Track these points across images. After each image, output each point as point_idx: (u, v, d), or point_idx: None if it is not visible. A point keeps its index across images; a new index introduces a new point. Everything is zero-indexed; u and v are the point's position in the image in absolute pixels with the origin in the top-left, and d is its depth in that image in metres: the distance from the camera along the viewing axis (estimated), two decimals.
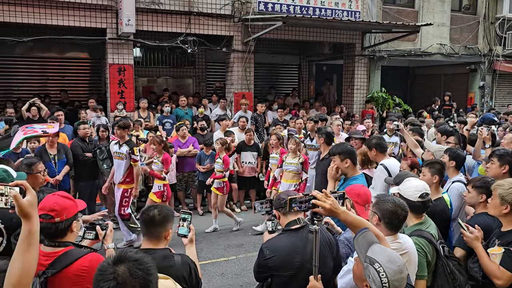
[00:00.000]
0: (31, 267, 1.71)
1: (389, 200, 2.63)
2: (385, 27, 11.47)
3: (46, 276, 2.27)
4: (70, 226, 2.45)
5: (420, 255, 2.75)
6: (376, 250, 2.03)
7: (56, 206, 2.40)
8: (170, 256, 2.57)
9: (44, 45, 11.04)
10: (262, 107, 10.22)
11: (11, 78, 11.83)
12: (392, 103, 12.79)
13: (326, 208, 2.27)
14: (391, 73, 14.38)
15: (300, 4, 11.08)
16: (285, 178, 6.68)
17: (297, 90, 14.86)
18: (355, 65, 12.75)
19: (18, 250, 1.70)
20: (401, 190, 3.04)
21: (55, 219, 2.37)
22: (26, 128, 5.83)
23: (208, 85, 13.95)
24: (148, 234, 2.60)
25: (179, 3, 10.08)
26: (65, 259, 2.33)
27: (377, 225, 2.56)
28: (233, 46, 10.96)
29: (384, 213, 2.57)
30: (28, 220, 1.70)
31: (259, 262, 2.79)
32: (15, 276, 1.67)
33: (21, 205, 1.68)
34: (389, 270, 1.92)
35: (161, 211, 2.61)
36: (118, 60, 9.84)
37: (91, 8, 9.39)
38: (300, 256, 2.67)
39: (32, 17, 8.94)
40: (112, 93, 9.87)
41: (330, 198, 2.30)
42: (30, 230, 1.71)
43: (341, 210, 2.31)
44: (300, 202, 2.34)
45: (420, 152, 5.28)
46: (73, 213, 2.47)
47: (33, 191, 1.75)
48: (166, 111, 9.67)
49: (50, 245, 2.41)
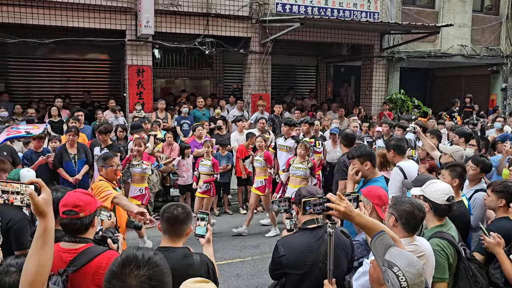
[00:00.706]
0: (46, 265, 1.72)
1: (406, 201, 2.59)
2: (404, 28, 11.33)
3: (67, 273, 2.30)
4: (93, 221, 2.51)
5: (442, 257, 2.70)
6: (394, 253, 2.00)
7: (79, 202, 2.45)
8: (189, 255, 2.60)
9: (65, 47, 11.24)
10: (279, 108, 10.20)
11: (33, 79, 12.08)
12: (411, 105, 12.61)
13: (341, 211, 2.25)
14: (410, 74, 14.19)
15: (318, 5, 11.04)
16: (292, 183, 6.47)
17: (315, 92, 14.79)
18: (373, 67, 12.63)
19: (33, 248, 1.71)
20: (425, 193, 2.96)
21: (79, 214, 2.42)
22: (11, 129, 5.91)
23: (225, 87, 14.00)
24: (171, 232, 2.62)
25: (197, 5, 10.15)
26: (85, 256, 2.37)
27: (393, 227, 2.53)
28: (251, 48, 10.98)
29: (401, 214, 2.53)
30: (43, 217, 1.71)
31: (273, 259, 2.81)
32: (30, 274, 1.68)
33: (36, 203, 1.69)
34: (408, 274, 1.89)
35: (184, 209, 2.66)
36: (137, 61, 9.97)
37: (111, 10, 9.53)
38: (314, 255, 2.66)
39: (54, 19, 9.12)
40: (130, 94, 9.99)
41: (344, 201, 2.28)
42: (45, 228, 1.71)
43: (355, 213, 2.29)
44: (314, 205, 2.32)
45: (437, 154, 5.18)
46: (94, 208, 2.53)
47: (48, 189, 1.74)
48: (184, 112, 9.74)
49: (70, 241, 2.44)
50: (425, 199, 2.92)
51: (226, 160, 8.08)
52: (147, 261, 1.53)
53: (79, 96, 11.99)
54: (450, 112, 12.40)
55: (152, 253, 1.59)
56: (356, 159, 3.89)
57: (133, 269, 1.49)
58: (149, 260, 1.53)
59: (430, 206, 2.90)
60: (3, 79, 11.79)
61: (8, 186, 1.74)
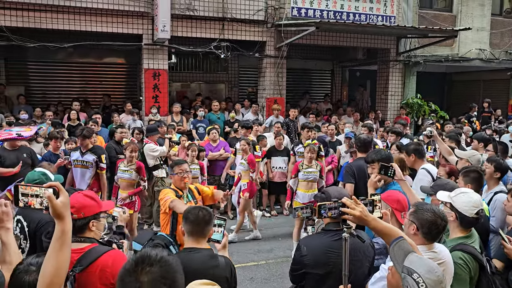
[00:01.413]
0: (64, 267, 1.75)
1: (428, 209, 2.50)
2: (421, 32, 11.22)
3: (75, 273, 2.33)
4: (88, 225, 2.48)
5: (464, 271, 2.63)
6: (413, 260, 1.97)
7: (75, 204, 2.45)
8: (215, 256, 2.66)
9: (83, 51, 11.44)
10: (294, 112, 10.18)
11: (51, 82, 12.31)
12: (428, 110, 12.46)
13: (356, 216, 2.23)
14: (427, 79, 14.02)
15: (334, 9, 11.01)
16: (304, 188, 6.39)
17: (330, 96, 14.74)
18: (389, 71, 12.52)
19: (51, 250, 1.74)
20: (454, 202, 2.84)
21: (73, 215, 2.44)
22: (4, 131, 5.95)
23: (240, 90, 14.05)
24: (197, 233, 2.68)
25: (213, 10, 10.22)
26: (90, 255, 2.39)
27: (414, 235, 2.47)
28: (266, 52, 11.00)
29: (423, 223, 2.45)
30: (61, 220, 1.75)
31: (295, 259, 2.81)
32: (48, 276, 1.71)
33: (54, 206, 1.73)
34: (428, 281, 1.85)
35: (207, 210, 2.74)
36: (153, 65, 10.07)
37: (128, 14, 9.66)
38: (335, 256, 2.66)
39: (73, 24, 9.29)
40: (147, 97, 10.09)
41: (359, 205, 2.26)
42: (63, 230, 1.75)
43: (371, 217, 2.26)
44: (329, 209, 2.31)
45: (454, 159, 5.11)
46: (92, 212, 2.50)
47: (66, 192, 1.78)
48: (200, 116, 9.79)
49: (76, 241, 2.45)
50: (452, 208, 2.82)
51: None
52: (160, 260, 1.55)
53: (96, 99, 12.16)
54: (468, 117, 12.21)
55: (166, 253, 1.61)
56: (376, 163, 3.85)
57: (146, 267, 1.52)
58: (162, 259, 1.56)
59: (456, 216, 2.80)
60: (23, 83, 12.04)
61: (28, 189, 1.78)
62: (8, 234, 2.16)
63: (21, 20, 8.95)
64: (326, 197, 2.81)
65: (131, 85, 13.04)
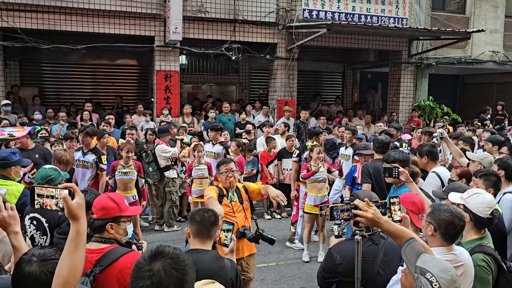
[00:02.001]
0: (78, 268, 1.76)
1: (445, 209, 2.49)
2: (433, 34, 11.13)
3: (94, 274, 2.35)
4: (105, 227, 2.52)
5: (488, 272, 2.60)
6: (426, 260, 1.96)
7: (96, 204, 2.55)
8: (221, 258, 2.65)
9: (96, 52, 11.56)
10: (305, 114, 10.16)
11: (64, 84, 12.45)
12: (440, 112, 12.35)
13: (368, 218, 2.22)
14: (439, 81, 13.91)
15: (345, 11, 10.98)
16: (314, 189, 6.29)
17: (341, 98, 14.69)
18: (401, 73, 12.45)
19: (66, 251, 1.76)
20: (468, 203, 2.83)
21: (92, 215, 2.52)
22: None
23: (251, 92, 14.07)
24: (202, 235, 2.67)
25: (225, 11, 10.26)
26: (110, 256, 2.42)
27: (432, 236, 2.46)
28: (277, 54, 11.01)
29: (440, 223, 2.43)
30: (77, 221, 1.77)
31: (327, 266, 2.74)
32: (63, 276, 1.72)
33: (70, 207, 1.75)
34: (442, 280, 1.84)
35: (213, 212, 2.75)
36: (165, 67, 10.14)
37: (141, 16, 9.75)
38: (371, 262, 2.62)
39: (86, 25, 9.40)
40: (158, 98, 10.16)
41: (372, 207, 2.25)
42: (78, 231, 1.77)
43: (383, 219, 2.26)
44: (341, 211, 2.31)
45: (465, 161, 5.07)
46: (111, 215, 2.54)
47: (81, 193, 1.81)
48: (211, 117, 9.83)
49: (97, 241, 2.51)
50: (466, 209, 2.79)
51: (251, 165, 8.10)
52: (173, 253, 1.61)
53: (109, 100, 12.27)
54: (481, 119, 12.08)
55: (179, 251, 1.65)
56: (398, 163, 3.88)
57: (160, 258, 1.58)
58: (175, 252, 1.62)
59: (470, 217, 2.78)
60: (37, 84, 12.20)
61: (44, 190, 1.81)
62: (18, 237, 2.17)
63: (35, 22, 9.08)
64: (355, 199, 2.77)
65: (142, 87, 13.13)
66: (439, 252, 2.40)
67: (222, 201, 3.92)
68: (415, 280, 1.92)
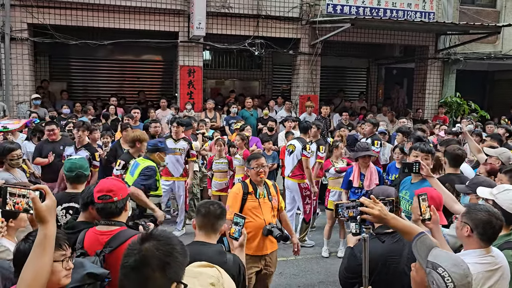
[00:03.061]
0: (44, 272, 1.69)
1: (482, 208, 2.40)
2: (462, 28, 10.85)
3: (104, 254, 2.46)
4: (125, 205, 2.68)
5: None
6: (437, 254, 1.93)
7: (113, 187, 2.65)
8: (223, 252, 2.63)
9: (121, 48, 11.78)
10: (327, 109, 10.09)
11: (92, 78, 12.76)
12: (467, 109, 12.05)
13: (375, 215, 2.21)
14: (468, 77, 13.55)
15: (370, 6, 10.83)
16: (336, 185, 6.25)
17: (365, 94, 14.51)
18: (427, 69, 12.19)
19: (32, 255, 1.69)
20: (498, 199, 2.76)
21: (113, 198, 2.61)
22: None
23: (274, 87, 14.06)
24: (207, 227, 2.66)
25: (248, 7, 10.29)
26: (119, 237, 2.53)
27: (468, 237, 2.38)
28: (300, 49, 10.97)
29: (477, 223, 2.34)
30: (44, 224, 1.69)
31: (350, 266, 2.69)
32: (26, 279, 1.67)
33: (38, 209, 1.67)
34: (454, 275, 1.81)
35: (219, 205, 2.72)
36: (189, 62, 10.25)
37: (165, 12, 9.88)
38: (397, 260, 2.57)
39: (112, 21, 9.60)
40: (181, 93, 10.29)
41: (378, 204, 2.23)
42: (46, 234, 1.69)
43: (390, 216, 2.23)
44: (347, 208, 2.29)
45: (483, 157, 4.99)
46: (126, 193, 2.71)
47: (53, 197, 1.74)
48: (232, 112, 9.88)
49: (106, 224, 2.63)
50: (495, 205, 2.72)
51: (271, 159, 8.10)
52: (164, 235, 1.61)
53: (133, 95, 12.50)
54: (510, 116, 11.73)
55: (173, 235, 1.66)
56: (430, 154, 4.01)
57: (150, 239, 1.59)
58: (166, 235, 1.62)
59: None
60: (65, 79, 12.54)
61: (16, 189, 1.73)
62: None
63: (64, 19, 9.34)
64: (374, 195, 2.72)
65: (167, 82, 13.31)
66: (477, 255, 2.33)
67: (247, 199, 3.89)
68: (426, 275, 1.89)
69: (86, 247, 2.59)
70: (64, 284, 1.96)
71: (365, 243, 2.26)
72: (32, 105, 9.19)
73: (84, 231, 2.73)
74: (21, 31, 9.23)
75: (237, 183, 4.15)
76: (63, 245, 1.98)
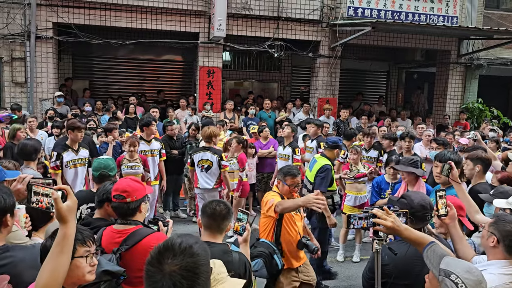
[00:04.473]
0: (61, 272, 1.73)
1: (511, 220, 2.36)
2: (485, 33, 10.66)
3: (120, 251, 2.51)
4: (139, 207, 2.70)
5: None
6: (449, 262, 1.92)
7: (128, 188, 2.66)
8: (229, 251, 2.63)
9: (143, 48, 11.95)
10: (345, 113, 10.04)
11: (113, 77, 12.96)
12: (490, 115, 11.82)
13: (388, 226, 2.19)
14: (491, 83, 13.28)
15: (392, 9, 10.72)
16: (354, 190, 6.18)
17: (385, 98, 14.36)
18: (449, 73, 12.01)
19: (51, 253, 1.73)
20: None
21: (126, 199, 2.64)
22: None
23: (292, 90, 14.05)
24: (212, 227, 2.66)
25: (269, 9, 10.31)
26: (135, 236, 2.58)
27: (493, 247, 2.34)
28: (320, 51, 10.94)
29: (505, 234, 2.30)
30: (65, 223, 1.74)
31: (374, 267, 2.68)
32: (44, 278, 1.70)
33: (59, 209, 1.73)
34: (468, 281, 1.79)
35: (225, 205, 2.71)
36: (208, 62, 10.33)
37: (187, 13, 9.98)
38: (421, 265, 2.51)
39: (134, 21, 9.75)
40: (201, 94, 10.38)
41: (391, 215, 2.22)
42: (65, 234, 1.74)
43: (403, 227, 2.22)
44: (359, 218, 2.28)
45: (498, 165, 4.92)
46: (142, 195, 2.72)
47: (74, 197, 1.80)
48: (251, 113, 9.92)
49: (122, 223, 2.68)
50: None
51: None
52: (184, 250, 1.44)
53: (153, 94, 12.66)
54: None
55: (193, 241, 1.49)
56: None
57: (169, 256, 1.42)
58: (186, 249, 1.45)
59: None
60: (87, 77, 12.78)
61: (40, 188, 1.80)
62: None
63: (87, 18, 9.53)
64: (408, 202, 2.71)
65: (186, 82, 13.43)
66: (502, 266, 2.29)
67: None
68: (439, 283, 1.88)
69: (103, 245, 2.65)
70: (88, 280, 2.00)
71: (377, 255, 2.24)
72: (55, 102, 9.39)
73: (102, 228, 2.79)
74: (46, 30, 9.46)
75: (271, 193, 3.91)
76: (88, 242, 2.01)
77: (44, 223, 2.81)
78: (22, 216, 2.59)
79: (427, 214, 2.70)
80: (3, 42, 9.33)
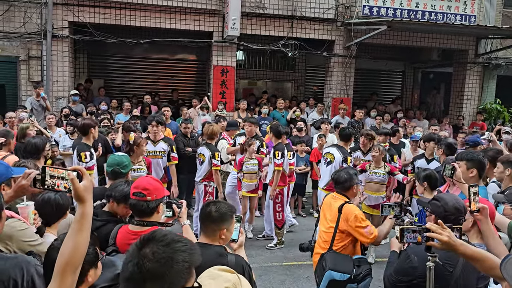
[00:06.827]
0: (82, 248, 1.79)
1: None
2: (504, 32, 10.45)
3: None
4: (158, 207, 2.67)
5: None
6: None
7: (149, 186, 2.63)
8: (224, 254, 2.52)
9: (157, 47, 11.99)
10: (360, 113, 9.93)
11: (128, 76, 13.05)
12: (508, 116, 11.59)
13: (443, 241, 2.09)
14: (509, 83, 13.03)
15: (408, 8, 10.58)
16: (370, 189, 6.16)
17: (400, 98, 14.18)
18: (466, 73, 11.81)
19: (71, 231, 1.80)
20: None
21: (146, 197, 2.61)
22: None
23: (306, 89, 13.96)
24: (208, 229, 2.56)
25: (283, 7, 10.26)
26: None
27: None
28: (334, 51, 10.85)
29: None
30: (83, 203, 1.80)
31: (402, 269, 2.63)
32: (65, 255, 1.76)
33: (77, 189, 1.78)
34: None
35: (219, 208, 2.53)
36: (222, 62, 10.33)
37: (201, 12, 9.99)
38: (453, 266, 2.51)
39: (149, 21, 9.80)
40: (214, 93, 10.38)
41: (446, 229, 2.12)
42: (83, 213, 1.80)
43: (459, 242, 2.12)
44: (413, 231, 2.20)
45: None
46: (161, 195, 2.70)
47: (89, 177, 1.84)
48: (264, 113, 9.88)
49: (138, 225, 2.64)
50: None
51: (304, 161, 8.05)
52: (164, 240, 1.48)
53: (167, 93, 12.70)
54: None
55: (180, 239, 1.51)
56: (464, 161, 3.72)
57: (149, 244, 1.47)
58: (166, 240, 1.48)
59: None
60: (103, 76, 12.88)
61: (55, 171, 1.84)
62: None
63: (103, 17, 9.60)
64: (442, 204, 2.63)
65: (200, 81, 13.45)
66: None
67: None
68: None
69: (118, 244, 2.64)
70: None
71: (430, 272, 2.16)
72: (70, 100, 9.48)
73: (117, 226, 2.78)
74: (62, 28, 9.56)
75: (354, 205, 3.90)
76: None
77: (56, 219, 2.84)
78: (30, 213, 2.61)
79: (461, 218, 2.61)
80: (20, 41, 9.45)
